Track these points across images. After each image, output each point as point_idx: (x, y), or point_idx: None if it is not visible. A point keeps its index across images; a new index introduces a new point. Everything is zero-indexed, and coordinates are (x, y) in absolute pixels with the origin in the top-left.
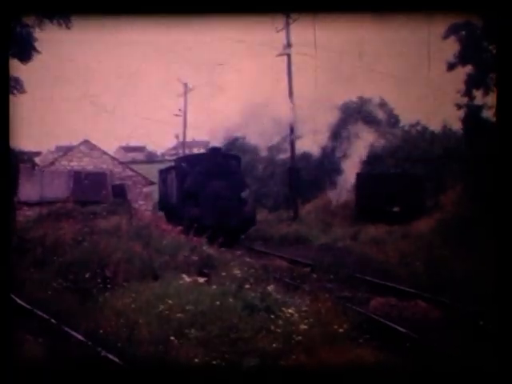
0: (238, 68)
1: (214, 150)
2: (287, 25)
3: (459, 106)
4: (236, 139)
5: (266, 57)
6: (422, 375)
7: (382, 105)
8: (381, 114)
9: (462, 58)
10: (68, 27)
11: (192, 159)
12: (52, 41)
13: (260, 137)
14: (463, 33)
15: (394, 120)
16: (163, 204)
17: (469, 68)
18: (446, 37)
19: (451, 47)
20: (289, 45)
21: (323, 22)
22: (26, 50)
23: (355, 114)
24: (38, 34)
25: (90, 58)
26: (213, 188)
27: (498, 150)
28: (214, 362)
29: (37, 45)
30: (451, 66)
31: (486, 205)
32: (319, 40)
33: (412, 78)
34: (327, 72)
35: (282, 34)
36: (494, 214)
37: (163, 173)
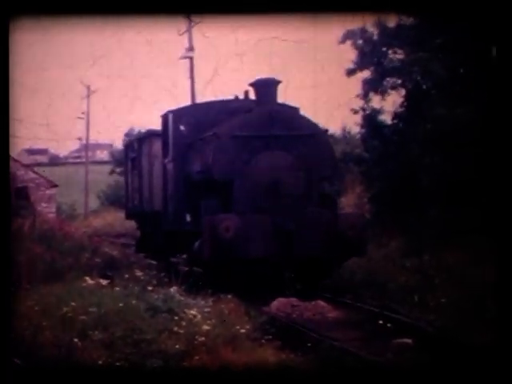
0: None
1: (264, 87)
2: (190, 28)
3: (355, 111)
4: None
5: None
6: (322, 374)
7: None
8: None
9: (360, 64)
10: None
11: (202, 114)
12: None
13: None
14: (359, 40)
15: None
16: (133, 208)
17: (366, 73)
18: (341, 42)
19: (350, 52)
20: (191, 48)
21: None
22: None
23: None
24: None
25: None
26: (265, 169)
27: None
28: (118, 364)
29: None
30: (350, 72)
31: (384, 206)
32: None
33: (310, 82)
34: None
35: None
36: (393, 215)
37: (133, 149)
